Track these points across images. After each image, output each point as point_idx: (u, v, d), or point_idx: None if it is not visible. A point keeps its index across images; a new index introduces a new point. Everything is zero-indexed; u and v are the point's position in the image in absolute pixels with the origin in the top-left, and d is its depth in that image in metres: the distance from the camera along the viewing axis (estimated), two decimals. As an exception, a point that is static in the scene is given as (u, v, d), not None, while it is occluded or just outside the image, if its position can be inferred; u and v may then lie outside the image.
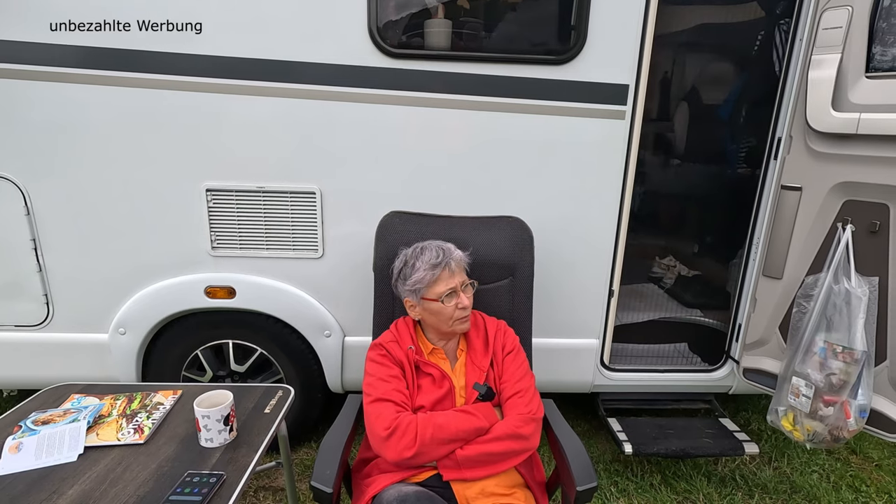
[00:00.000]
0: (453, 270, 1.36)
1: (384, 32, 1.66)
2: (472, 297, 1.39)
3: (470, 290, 1.40)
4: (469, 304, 1.36)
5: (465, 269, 1.42)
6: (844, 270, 1.64)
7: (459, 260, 1.39)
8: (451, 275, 1.35)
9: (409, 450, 1.19)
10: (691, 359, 2.31)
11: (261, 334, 1.98)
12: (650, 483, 2.07)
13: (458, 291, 1.35)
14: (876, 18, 1.52)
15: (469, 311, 1.38)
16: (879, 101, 1.52)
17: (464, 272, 1.40)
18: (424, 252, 1.38)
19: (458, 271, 1.38)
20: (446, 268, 1.35)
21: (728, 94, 2.48)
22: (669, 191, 2.71)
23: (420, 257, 1.37)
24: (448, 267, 1.35)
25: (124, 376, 1.96)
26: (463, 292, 1.36)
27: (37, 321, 1.91)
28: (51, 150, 1.72)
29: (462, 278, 1.38)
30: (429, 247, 1.39)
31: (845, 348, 1.60)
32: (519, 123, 1.74)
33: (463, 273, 1.39)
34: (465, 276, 1.39)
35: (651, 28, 1.68)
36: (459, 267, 1.39)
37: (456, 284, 1.35)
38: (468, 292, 1.38)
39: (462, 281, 1.37)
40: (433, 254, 1.36)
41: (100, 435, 1.23)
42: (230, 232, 1.83)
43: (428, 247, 1.40)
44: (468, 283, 1.40)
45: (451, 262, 1.36)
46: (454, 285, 1.34)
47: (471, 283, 1.41)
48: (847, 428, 1.64)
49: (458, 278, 1.36)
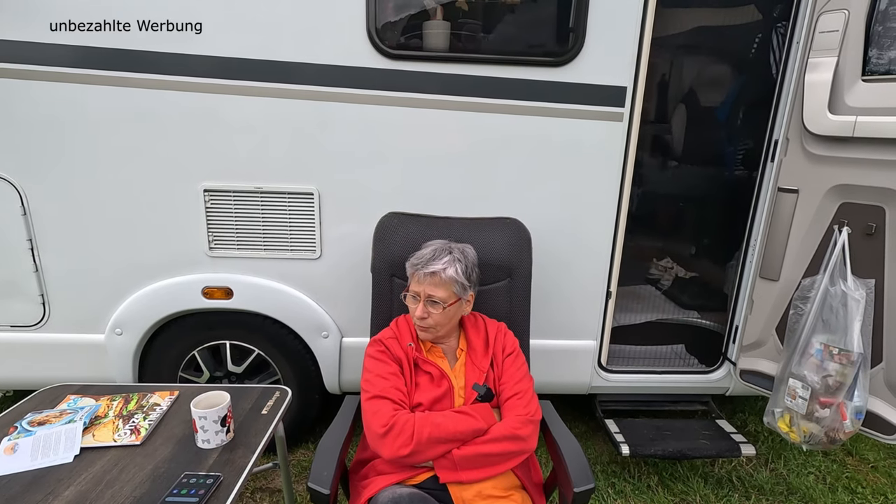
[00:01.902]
0: (421, 279, 1.33)
1: (383, 34, 1.66)
2: (437, 316, 1.33)
3: (440, 308, 1.32)
4: (424, 316, 1.32)
5: (448, 287, 1.33)
6: (841, 272, 1.64)
7: (436, 273, 1.32)
8: (418, 282, 1.34)
9: (405, 448, 1.19)
10: (688, 360, 2.32)
11: (258, 335, 1.97)
12: (647, 484, 2.07)
13: (420, 300, 1.33)
14: (872, 22, 1.53)
15: (425, 324, 1.33)
16: (875, 105, 1.53)
17: (441, 288, 1.32)
18: (425, 247, 1.40)
19: (431, 284, 1.32)
20: (417, 272, 1.35)
21: (725, 96, 2.49)
22: (667, 192, 2.72)
23: (420, 250, 1.40)
24: (418, 273, 1.34)
25: (121, 377, 1.96)
26: (424, 304, 1.32)
27: (33, 321, 1.90)
28: (47, 149, 1.72)
29: (430, 291, 1.31)
30: (433, 245, 1.40)
31: (841, 350, 1.61)
32: (517, 125, 1.75)
33: (437, 288, 1.32)
34: (437, 292, 1.31)
35: (649, 30, 1.69)
36: (434, 280, 1.32)
37: (420, 292, 1.33)
38: (434, 308, 1.32)
39: (428, 294, 1.32)
40: (425, 252, 1.37)
41: (96, 436, 1.22)
42: (228, 232, 1.83)
43: (433, 244, 1.41)
44: (438, 298, 1.31)
45: (423, 270, 1.33)
46: (419, 291, 1.34)
47: (439, 301, 1.31)
48: (843, 429, 1.64)
49: (424, 288, 1.32)
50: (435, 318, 1.34)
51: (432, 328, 1.35)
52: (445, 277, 1.32)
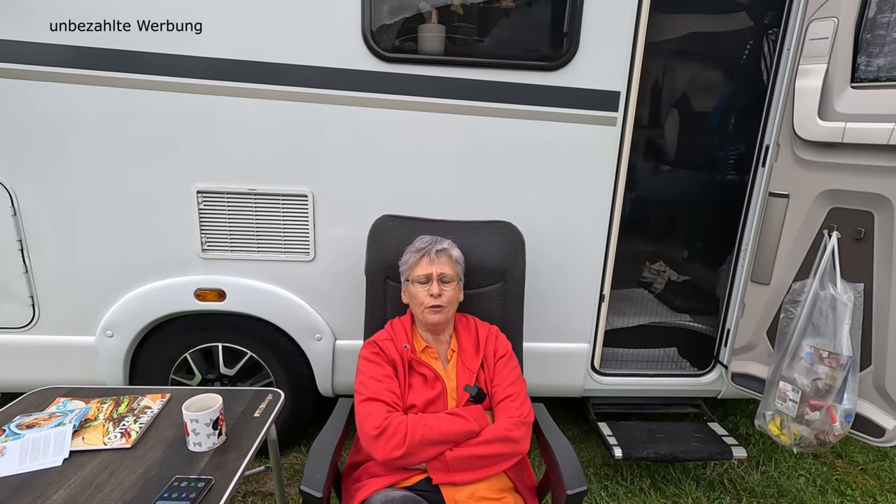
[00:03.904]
0: (433, 259, 1.41)
1: (378, 36, 1.66)
2: (450, 294, 1.40)
3: (452, 285, 1.41)
4: (438, 294, 1.37)
5: (454, 265, 1.44)
6: (830, 277, 1.66)
7: (444, 251, 1.43)
8: (429, 262, 1.41)
9: (397, 450, 1.20)
10: (681, 363, 2.33)
11: (251, 337, 1.96)
12: (640, 487, 2.08)
13: (433, 280, 1.38)
14: (861, 30, 1.55)
15: (440, 303, 1.37)
16: (864, 111, 1.55)
17: (449, 266, 1.43)
18: (420, 239, 1.48)
19: (440, 262, 1.41)
20: (426, 255, 1.41)
21: (717, 101, 2.51)
22: (660, 196, 2.74)
23: (415, 242, 1.48)
24: (428, 255, 1.41)
25: (111, 379, 1.94)
26: (438, 282, 1.38)
27: (22, 323, 1.88)
28: (38, 150, 1.70)
29: (441, 269, 1.40)
30: (426, 237, 1.49)
31: (831, 353, 1.62)
32: (511, 128, 1.75)
33: (447, 266, 1.42)
34: (447, 269, 1.41)
35: (642, 35, 1.70)
36: (443, 259, 1.42)
37: (432, 272, 1.39)
38: (447, 287, 1.39)
39: (441, 272, 1.39)
40: (424, 241, 1.46)
41: (86, 439, 1.21)
42: (221, 234, 1.82)
43: (425, 237, 1.50)
44: (447, 278, 1.40)
45: (433, 251, 1.42)
46: (430, 272, 1.39)
47: (450, 280, 1.41)
48: (833, 432, 1.66)
49: (436, 267, 1.40)
50: (447, 296, 1.39)
51: (445, 307, 1.39)
52: (454, 255, 1.46)
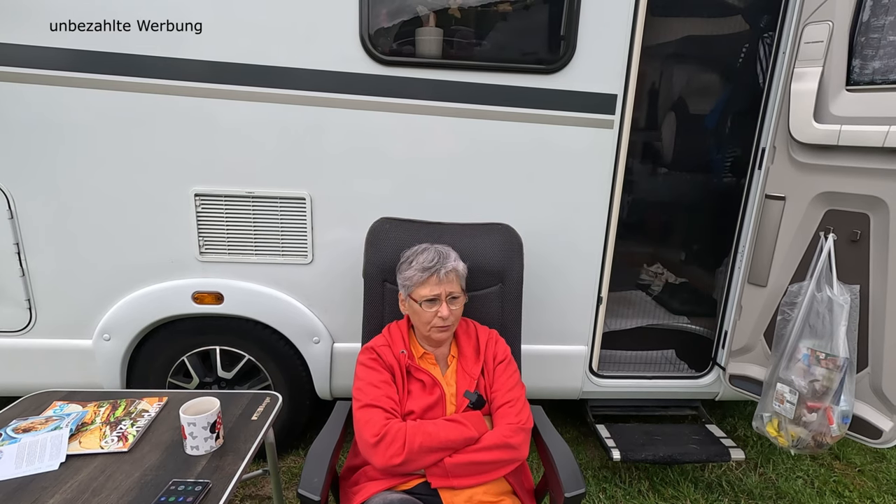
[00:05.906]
0: (441, 279, 1.34)
1: (376, 40, 1.67)
2: (457, 311, 1.37)
3: (458, 303, 1.37)
4: (448, 316, 1.33)
5: (460, 281, 1.39)
6: (827, 278, 1.67)
7: (452, 270, 1.36)
8: (438, 282, 1.34)
9: (397, 457, 1.19)
10: (678, 365, 2.33)
11: (249, 340, 1.96)
12: (638, 489, 2.08)
13: (442, 300, 1.34)
14: (855, 33, 1.56)
15: (448, 323, 1.34)
16: (859, 114, 1.56)
17: (457, 283, 1.38)
18: (423, 253, 1.39)
19: (449, 281, 1.35)
20: (435, 274, 1.34)
21: (714, 104, 2.53)
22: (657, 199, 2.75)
23: (417, 257, 1.39)
24: (437, 274, 1.34)
25: (108, 383, 1.93)
26: (447, 303, 1.34)
27: (19, 326, 1.87)
28: (35, 152, 1.70)
29: (450, 289, 1.35)
30: (430, 249, 1.41)
31: (828, 355, 1.63)
32: (508, 131, 1.76)
33: (455, 284, 1.37)
34: (455, 288, 1.36)
35: (639, 39, 1.71)
36: (451, 277, 1.36)
37: (441, 292, 1.34)
38: (455, 304, 1.36)
39: (449, 292, 1.35)
40: (429, 256, 1.37)
41: (82, 443, 1.21)
42: (218, 237, 1.82)
43: (429, 249, 1.41)
44: (456, 295, 1.36)
45: (442, 270, 1.34)
46: (439, 293, 1.34)
47: (458, 296, 1.37)
48: (830, 434, 1.66)
49: (445, 287, 1.34)
50: (455, 315, 1.37)
51: (451, 326, 1.38)
52: (461, 272, 1.41)
